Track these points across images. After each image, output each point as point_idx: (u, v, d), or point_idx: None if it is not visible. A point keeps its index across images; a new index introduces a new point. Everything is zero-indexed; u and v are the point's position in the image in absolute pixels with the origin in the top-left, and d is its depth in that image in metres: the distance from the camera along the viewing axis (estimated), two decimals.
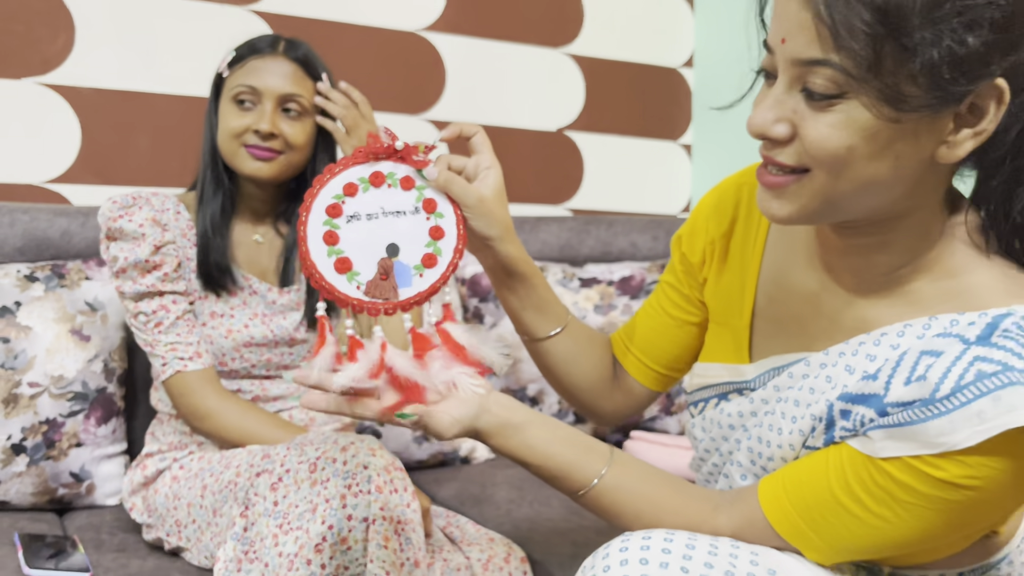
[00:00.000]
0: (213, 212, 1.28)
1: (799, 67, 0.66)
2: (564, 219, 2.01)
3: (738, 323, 0.88)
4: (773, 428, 0.80)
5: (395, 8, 2.00)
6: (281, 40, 1.31)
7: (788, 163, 0.69)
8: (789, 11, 0.66)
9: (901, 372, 0.69)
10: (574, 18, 2.22)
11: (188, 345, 1.24)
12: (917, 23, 0.61)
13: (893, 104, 0.63)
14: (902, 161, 0.66)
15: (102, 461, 1.40)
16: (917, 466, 0.67)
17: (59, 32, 1.68)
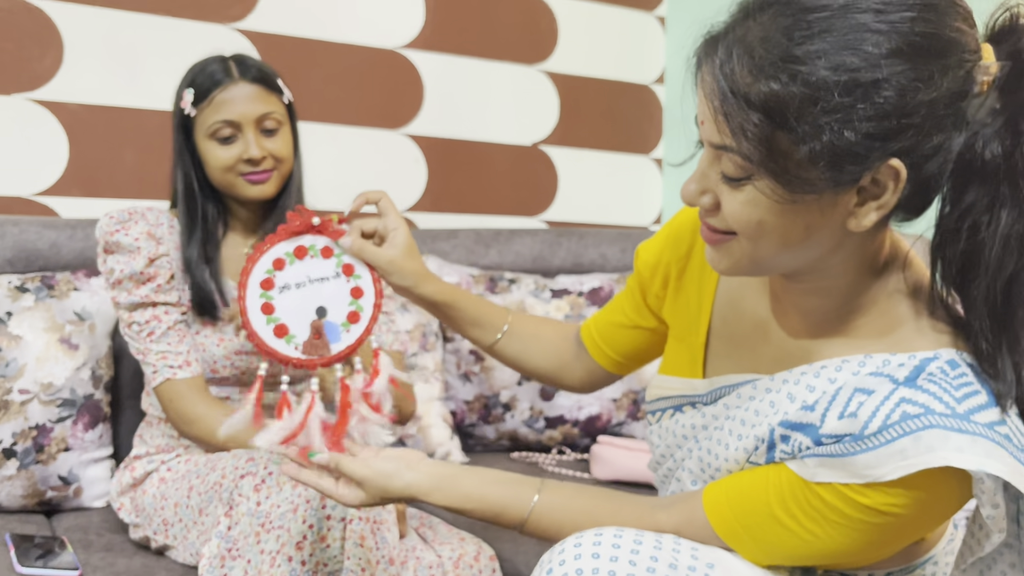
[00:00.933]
0: (197, 250, 1.32)
1: (713, 149, 0.72)
2: (537, 231, 2.08)
3: (694, 340, 0.93)
4: (721, 443, 0.86)
5: (374, 26, 2.07)
6: (231, 63, 1.33)
7: (718, 227, 0.75)
8: (701, 99, 0.72)
9: (836, 406, 0.76)
10: (549, 36, 2.30)
11: (178, 354, 1.29)
12: (795, 119, 0.65)
13: (790, 188, 0.68)
14: (812, 231, 0.72)
15: (89, 465, 1.46)
16: (845, 492, 0.73)
17: (48, 49, 1.73)
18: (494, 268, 1.99)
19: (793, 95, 0.65)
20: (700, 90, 0.72)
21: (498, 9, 2.22)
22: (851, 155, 0.66)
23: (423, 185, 2.15)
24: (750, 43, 0.67)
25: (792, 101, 0.65)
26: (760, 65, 0.66)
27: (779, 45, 0.66)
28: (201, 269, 1.32)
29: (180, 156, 1.34)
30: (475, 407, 1.84)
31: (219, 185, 1.33)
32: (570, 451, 1.86)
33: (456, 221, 2.20)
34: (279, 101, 1.35)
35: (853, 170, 0.67)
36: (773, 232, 0.72)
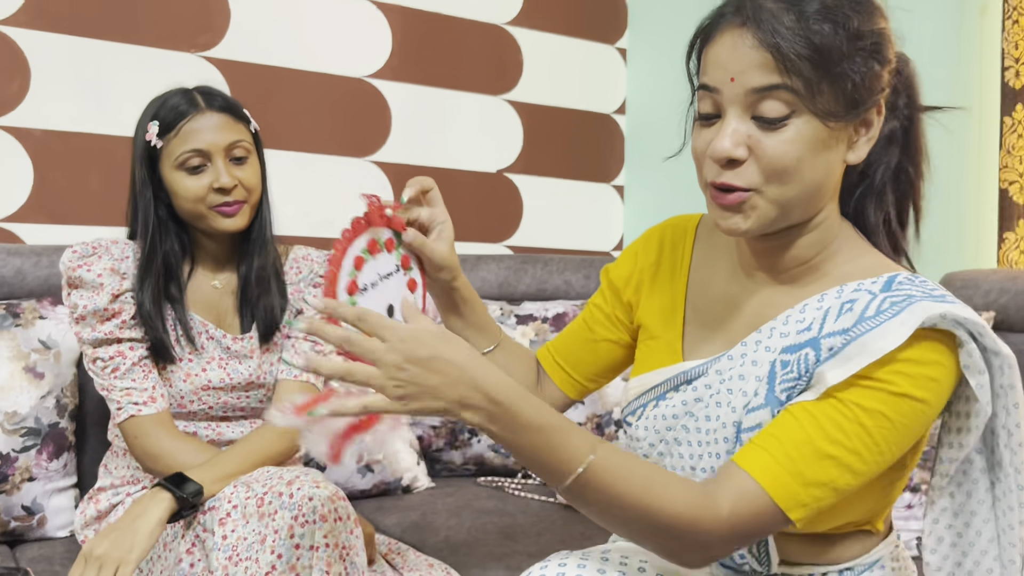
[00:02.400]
0: (151, 293, 1.29)
1: (752, 96, 0.80)
2: (503, 257, 2.12)
3: (671, 333, 0.98)
4: (721, 404, 0.89)
5: (343, 55, 2.10)
6: (195, 93, 1.32)
7: (741, 185, 0.82)
8: (739, 54, 0.81)
9: (830, 316, 0.84)
10: (514, 67, 2.35)
11: (143, 391, 1.28)
12: (841, 56, 0.79)
13: (826, 118, 0.80)
14: (830, 166, 0.83)
15: (53, 495, 1.45)
16: (873, 386, 0.79)
17: (15, 76, 1.73)
18: None
19: (838, 37, 0.79)
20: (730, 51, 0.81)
21: (464, 40, 2.27)
22: (867, 90, 0.81)
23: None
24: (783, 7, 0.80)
25: (836, 43, 0.79)
26: (804, 17, 0.79)
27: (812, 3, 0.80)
28: (155, 312, 1.29)
29: (142, 190, 1.32)
30: (442, 432, 1.86)
31: (188, 217, 1.32)
32: (535, 476, 1.89)
33: None
34: (246, 130, 1.34)
35: (865, 104, 0.82)
36: (806, 168, 0.81)
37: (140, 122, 1.34)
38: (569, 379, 1.10)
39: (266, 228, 1.38)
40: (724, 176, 0.82)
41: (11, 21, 1.72)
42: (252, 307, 1.38)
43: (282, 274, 1.42)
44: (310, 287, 1.43)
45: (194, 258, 1.38)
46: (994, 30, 1.79)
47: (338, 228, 2.19)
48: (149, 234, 1.31)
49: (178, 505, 1.15)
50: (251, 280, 1.37)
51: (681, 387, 0.94)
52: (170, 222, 1.34)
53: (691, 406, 0.92)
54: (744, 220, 0.83)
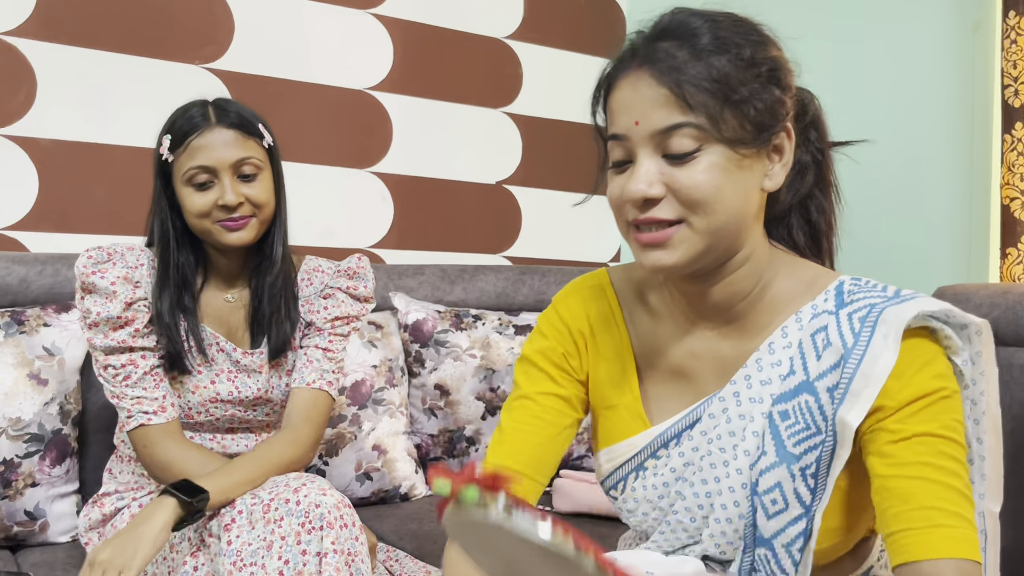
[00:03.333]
0: (168, 301, 1.30)
1: (658, 137, 0.81)
2: (501, 268, 2.14)
3: (629, 399, 0.94)
4: (716, 465, 0.87)
5: (345, 68, 2.12)
6: (210, 108, 1.30)
7: (667, 217, 0.81)
8: (639, 97, 0.81)
9: (808, 354, 0.84)
10: (513, 80, 2.38)
11: (153, 400, 1.28)
12: (737, 84, 0.80)
13: (735, 145, 0.81)
14: (748, 193, 0.83)
15: (56, 500, 1.46)
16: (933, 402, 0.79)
17: (21, 86, 1.75)
18: (459, 304, 2.04)
19: (734, 66, 0.81)
20: (631, 96, 0.82)
21: (465, 53, 2.30)
22: (771, 115, 0.82)
23: (389, 222, 2.20)
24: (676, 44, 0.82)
25: (733, 72, 0.81)
26: (699, 50, 0.81)
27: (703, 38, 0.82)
28: (172, 321, 1.30)
29: (158, 202, 1.33)
30: (440, 441, 1.88)
31: (196, 231, 1.32)
32: None
33: (422, 258, 2.25)
34: (258, 146, 1.33)
35: (771, 129, 0.83)
36: (726, 196, 0.81)
37: (160, 134, 1.33)
38: (538, 487, 0.95)
39: (277, 244, 1.36)
40: (646, 212, 0.82)
41: (18, 32, 1.75)
42: (263, 325, 1.38)
43: (295, 288, 1.42)
44: (320, 298, 1.43)
45: (207, 272, 1.38)
46: (989, 48, 1.83)
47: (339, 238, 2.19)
48: (166, 244, 1.32)
49: (184, 511, 1.15)
50: (263, 297, 1.37)
51: (660, 452, 0.92)
52: (185, 235, 1.34)
53: (681, 471, 0.90)
54: (669, 255, 0.82)
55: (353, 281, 1.44)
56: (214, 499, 1.17)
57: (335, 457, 1.71)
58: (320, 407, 1.37)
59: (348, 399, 1.75)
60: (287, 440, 1.31)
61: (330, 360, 1.39)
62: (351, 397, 1.75)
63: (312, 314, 1.42)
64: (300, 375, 1.37)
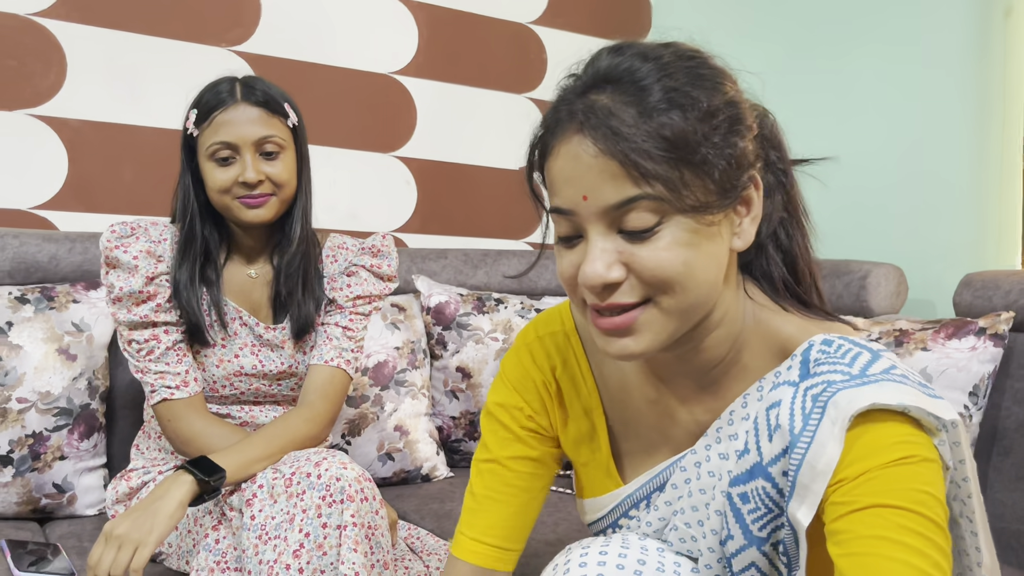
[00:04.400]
0: (188, 273, 1.31)
1: (612, 213, 0.70)
2: (524, 253, 2.14)
3: (600, 456, 0.90)
4: (686, 539, 0.84)
5: (370, 52, 2.13)
6: (237, 85, 1.31)
7: (631, 301, 0.72)
8: (583, 167, 0.70)
9: (762, 433, 0.75)
10: (538, 65, 2.38)
11: (176, 375, 1.30)
12: (698, 143, 0.69)
13: (700, 213, 0.70)
14: (719, 259, 0.74)
15: (83, 474, 1.49)
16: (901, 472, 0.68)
17: (51, 67, 1.78)
18: (482, 288, 2.04)
19: (689, 122, 0.69)
20: (573, 166, 0.71)
21: (489, 38, 2.30)
22: (737, 169, 0.72)
23: (413, 206, 2.21)
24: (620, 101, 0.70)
25: (690, 129, 0.69)
26: (649, 107, 0.69)
27: (652, 92, 0.70)
28: (191, 292, 1.31)
29: (183, 175, 1.35)
30: (461, 423, 1.89)
31: (217, 207, 1.33)
32: None
33: (445, 242, 2.26)
34: (282, 125, 1.33)
35: (736, 185, 0.73)
36: (696, 270, 0.72)
37: (187, 108, 1.35)
38: (513, 555, 0.93)
39: (297, 223, 1.37)
40: (608, 298, 0.72)
41: (48, 13, 1.77)
42: (285, 302, 1.38)
43: (320, 266, 1.43)
44: (343, 275, 1.44)
45: (230, 247, 1.39)
46: (1019, 32, 1.80)
47: (362, 222, 2.22)
48: (188, 217, 1.33)
49: (200, 488, 1.16)
50: (283, 275, 1.38)
51: (632, 512, 0.89)
52: (208, 209, 1.35)
53: (658, 530, 0.87)
54: (637, 342, 0.73)
55: (377, 259, 1.45)
56: (231, 477, 1.18)
57: (357, 437, 1.73)
58: (337, 385, 1.37)
59: (371, 380, 1.76)
60: (303, 417, 1.32)
61: (349, 339, 1.40)
62: (373, 378, 1.76)
63: (335, 291, 1.43)
64: (319, 352, 1.38)
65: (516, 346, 0.94)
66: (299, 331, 1.38)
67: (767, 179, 0.80)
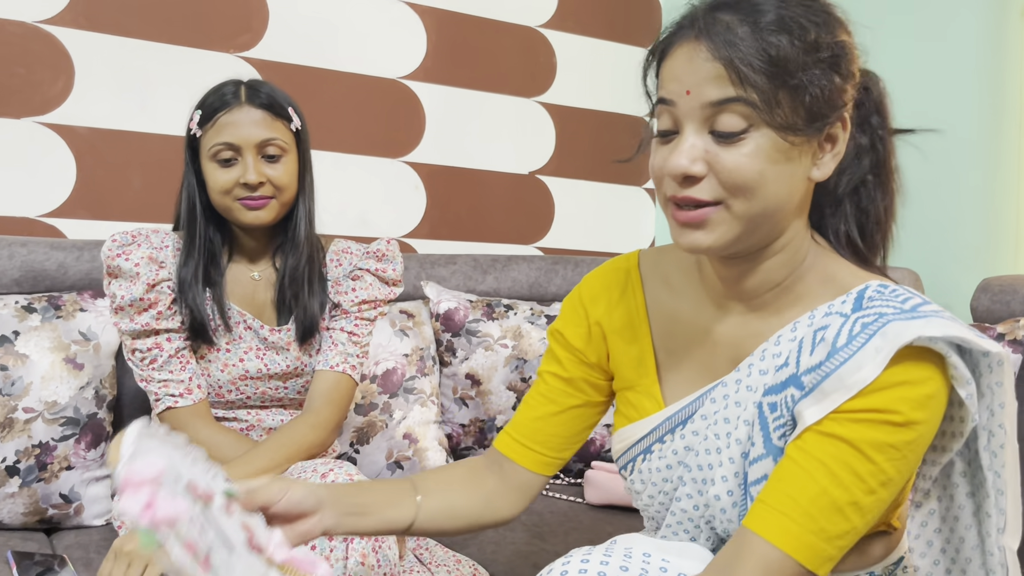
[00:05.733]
0: (193, 270, 1.31)
1: (708, 110, 0.78)
2: (533, 258, 2.12)
3: (647, 381, 0.95)
4: (711, 451, 0.87)
5: (378, 57, 2.12)
6: (242, 87, 1.32)
7: (705, 198, 0.79)
8: (694, 67, 0.79)
9: (805, 348, 0.81)
10: (547, 69, 2.36)
11: (180, 382, 1.29)
12: (796, 67, 0.77)
13: (785, 132, 0.78)
14: (793, 182, 0.81)
15: (91, 484, 1.48)
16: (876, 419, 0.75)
17: (59, 75, 1.77)
18: (491, 294, 2.02)
19: (794, 49, 0.77)
20: (685, 65, 0.80)
21: (498, 42, 2.28)
22: (828, 103, 0.79)
23: (422, 212, 2.19)
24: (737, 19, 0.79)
25: (792, 54, 0.77)
26: (758, 28, 0.78)
27: (766, 15, 0.79)
28: (196, 290, 1.31)
29: (187, 176, 1.35)
30: (471, 431, 1.87)
31: (218, 208, 1.33)
32: (563, 475, 1.89)
33: (454, 247, 2.24)
34: (285, 128, 1.33)
35: (826, 118, 0.80)
36: (769, 182, 0.79)
37: (192, 109, 1.35)
38: (541, 458, 1.01)
39: (300, 227, 1.37)
40: (685, 191, 0.80)
41: (56, 20, 1.77)
42: (289, 304, 1.38)
43: (324, 270, 1.42)
44: (348, 279, 1.43)
45: (232, 249, 1.40)
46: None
47: (371, 228, 2.21)
48: (192, 217, 1.33)
49: None
50: (286, 277, 1.38)
51: (666, 437, 0.92)
52: (211, 210, 1.35)
53: (682, 455, 0.90)
54: (706, 236, 0.80)
55: (382, 263, 1.44)
56: None
57: (366, 445, 1.71)
58: (342, 390, 1.37)
59: (379, 387, 1.74)
60: (308, 424, 1.31)
61: (355, 344, 1.40)
62: (382, 385, 1.75)
63: (340, 295, 1.42)
64: (324, 358, 1.38)
65: (580, 283, 1.03)
66: (304, 333, 1.38)
67: (860, 140, 0.87)
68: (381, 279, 1.44)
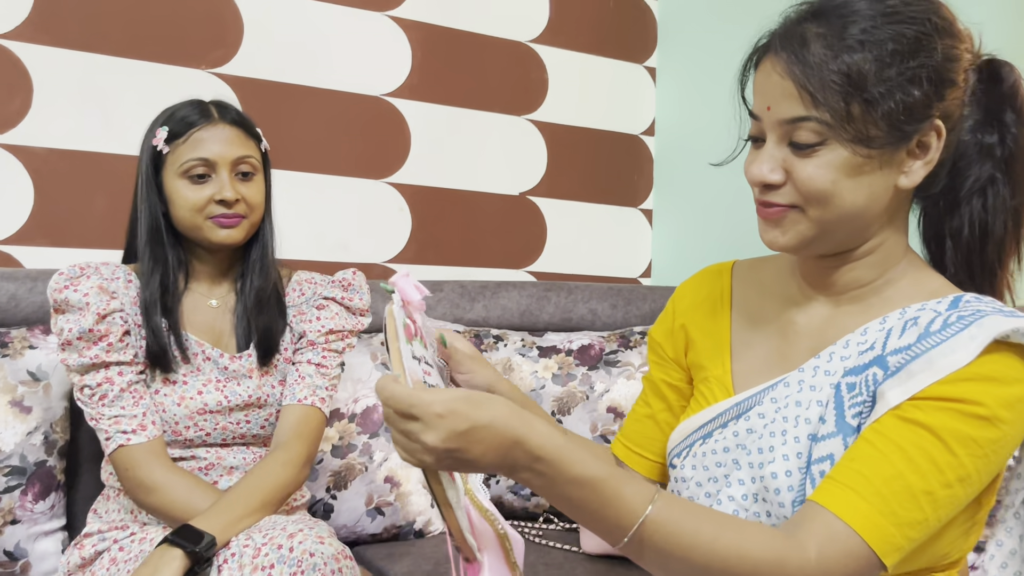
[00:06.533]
0: (154, 293, 1.25)
1: (785, 126, 0.81)
2: (525, 284, 2.01)
3: (720, 371, 0.95)
4: (775, 433, 0.85)
5: (360, 73, 2.01)
6: (210, 106, 1.30)
7: (782, 203, 0.83)
8: (771, 83, 0.81)
9: (894, 333, 0.81)
10: (538, 86, 2.26)
11: (132, 418, 1.21)
12: (873, 82, 0.77)
13: (862, 144, 0.79)
14: (874, 192, 0.81)
15: (39, 538, 1.35)
16: (960, 409, 0.73)
17: (16, 92, 1.66)
18: (480, 324, 1.91)
19: (868, 63, 0.78)
20: (765, 80, 0.82)
21: (487, 58, 2.18)
22: (910, 113, 0.78)
23: (407, 235, 2.08)
24: (819, 33, 0.80)
25: (868, 68, 0.78)
26: (837, 44, 0.78)
27: (849, 30, 0.79)
28: (157, 317, 1.25)
29: (146, 194, 1.28)
30: None
31: (185, 228, 1.28)
32: (557, 520, 1.77)
33: (441, 273, 2.13)
34: (256, 147, 1.32)
35: (910, 128, 0.79)
36: (844, 193, 0.80)
37: (149, 128, 1.32)
38: (650, 464, 1.02)
39: (267, 249, 1.34)
40: (765, 196, 0.84)
41: (14, 35, 1.65)
42: (250, 327, 1.32)
43: (283, 296, 1.37)
44: (313, 308, 1.38)
45: (188, 275, 1.33)
46: None
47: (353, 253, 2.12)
48: (157, 239, 1.27)
49: (191, 560, 1.07)
50: (249, 301, 1.32)
51: (730, 423, 0.90)
52: (167, 234, 1.29)
53: (743, 438, 0.88)
54: (782, 234, 0.84)
55: (348, 292, 1.40)
56: (221, 542, 1.10)
57: (344, 490, 1.59)
58: (312, 424, 1.31)
59: (358, 427, 1.62)
60: (279, 461, 1.24)
61: (323, 376, 1.34)
62: (361, 425, 1.62)
63: (305, 323, 1.36)
64: (292, 391, 1.32)
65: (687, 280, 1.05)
66: (265, 354, 1.32)
67: (985, 139, 0.85)
68: (348, 308, 1.40)
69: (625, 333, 1.88)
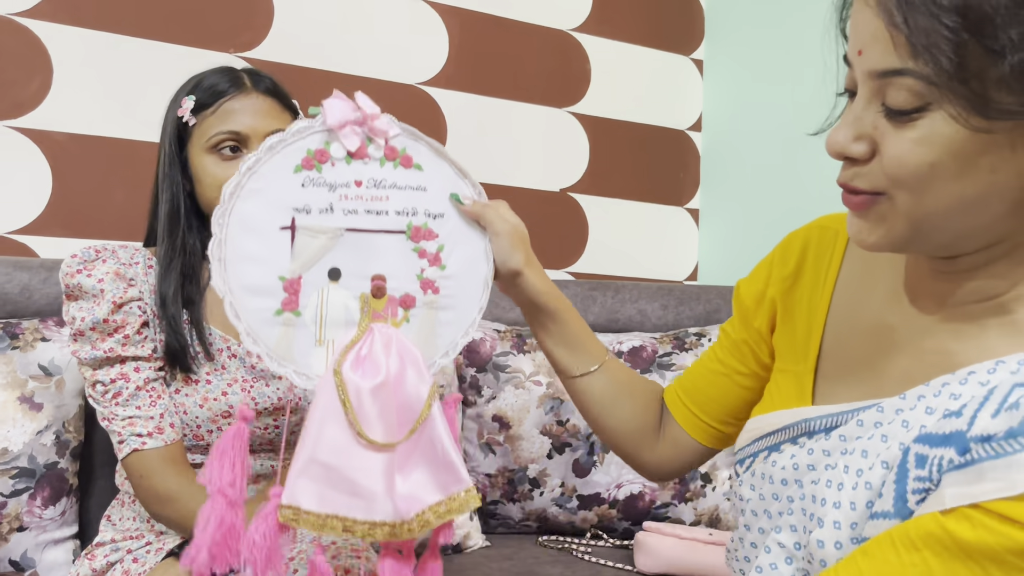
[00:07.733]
0: (173, 282, 1.13)
1: (876, 80, 0.61)
2: (568, 284, 1.89)
3: (802, 367, 0.80)
4: (832, 484, 0.69)
5: (394, 60, 1.91)
6: (243, 74, 1.19)
7: (864, 188, 0.64)
8: (863, 20, 0.61)
9: (989, 405, 0.61)
10: (581, 77, 2.15)
11: (148, 419, 1.08)
12: (1002, 22, 0.55)
13: (982, 112, 0.57)
14: (999, 175, 0.60)
15: (48, 547, 1.24)
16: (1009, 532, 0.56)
17: (35, 74, 1.57)
18: (521, 323, 1.79)
19: None
20: (858, 14, 0.62)
21: (527, 47, 2.07)
22: None
23: None
24: None
25: (996, 4, 0.55)
26: None
27: None
28: (176, 309, 1.12)
29: (169, 170, 1.16)
30: (498, 482, 1.62)
31: (211, 208, 1.14)
32: (607, 537, 1.63)
33: None
34: (292, 121, 1.18)
35: None
36: (945, 179, 0.60)
37: (174, 98, 1.19)
38: (696, 421, 0.91)
39: None
40: (846, 175, 0.65)
41: (33, 13, 1.57)
42: None
43: None
44: None
45: None
46: None
47: None
48: (176, 222, 1.14)
49: None
50: None
51: (800, 439, 0.76)
52: (193, 215, 1.16)
53: (802, 472, 0.74)
54: (869, 231, 0.65)
55: None
56: None
57: None
58: None
59: None
60: None
61: None
62: None
63: None
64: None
65: (795, 231, 0.89)
66: None
67: None
68: None
69: (680, 335, 1.75)
